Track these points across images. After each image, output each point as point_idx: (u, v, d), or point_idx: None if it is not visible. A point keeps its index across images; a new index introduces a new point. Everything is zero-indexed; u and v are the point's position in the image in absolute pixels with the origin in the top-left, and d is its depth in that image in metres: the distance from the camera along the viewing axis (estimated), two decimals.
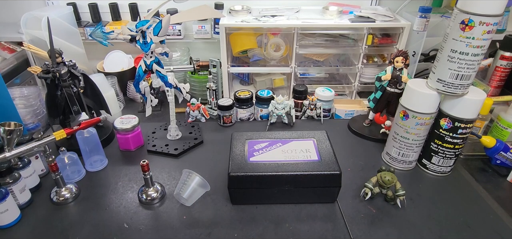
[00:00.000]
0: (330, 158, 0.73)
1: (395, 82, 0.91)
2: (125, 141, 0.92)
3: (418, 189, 0.80)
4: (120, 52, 1.31)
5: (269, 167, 0.71)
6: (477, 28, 0.66)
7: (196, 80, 1.24)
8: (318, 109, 1.07)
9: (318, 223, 0.70)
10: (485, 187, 0.82)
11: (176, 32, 1.29)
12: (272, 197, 0.74)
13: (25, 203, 0.73)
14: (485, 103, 0.84)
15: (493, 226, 0.70)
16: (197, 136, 0.98)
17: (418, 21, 1.08)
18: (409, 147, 0.83)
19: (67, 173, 0.81)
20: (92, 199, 0.77)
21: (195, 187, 0.73)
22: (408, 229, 0.69)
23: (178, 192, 0.73)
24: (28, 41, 1.10)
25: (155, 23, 0.76)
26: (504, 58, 1.09)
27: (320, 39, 1.20)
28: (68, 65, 0.83)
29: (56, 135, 0.73)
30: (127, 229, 0.69)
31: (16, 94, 1.01)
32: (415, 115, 0.78)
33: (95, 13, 1.30)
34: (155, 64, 0.82)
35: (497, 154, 0.87)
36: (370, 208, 0.74)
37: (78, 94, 0.86)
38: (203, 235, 0.67)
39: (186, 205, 0.74)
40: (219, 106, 1.03)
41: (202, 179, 0.73)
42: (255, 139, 0.80)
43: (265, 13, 1.19)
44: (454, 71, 0.71)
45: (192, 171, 0.73)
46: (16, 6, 1.30)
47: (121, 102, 1.19)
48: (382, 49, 1.22)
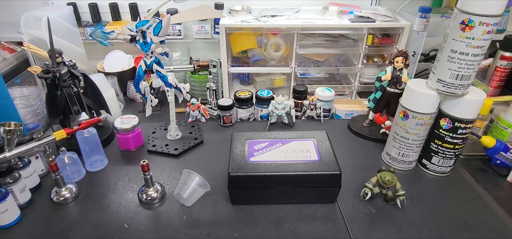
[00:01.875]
0: (330, 158, 0.73)
1: (395, 82, 0.91)
2: (125, 141, 0.92)
3: (418, 189, 0.80)
4: (120, 52, 1.31)
5: (269, 167, 0.71)
6: (477, 28, 0.66)
7: (196, 80, 1.24)
8: (318, 109, 1.07)
9: (318, 223, 0.70)
10: (485, 187, 0.82)
11: (176, 32, 1.29)
12: (272, 197, 0.74)
13: (25, 203, 0.73)
14: (485, 104, 0.84)
15: (493, 226, 0.70)
16: (197, 136, 0.98)
17: (418, 21, 1.08)
18: (409, 147, 0.83)
19: (67, 173, 0.81)
20: (92, 199, 0.77)
21: (195, 187, 0.73)
22: (408, 229, 0.69)
23: (178, 192, 0.73)
24: (28, 41, 1.10)
25: (155, 23, 0.76)
26: (504, 58, 1.09)
27: (320, 39, 1.20)
28: (68, 65, 0.83)
29: (56, 135, 0.73)
30: (127, 229, 0.69)
31: (16, 94, 1.01)
32: (415, 116, 0.78)
33: (95, 13, 1.30)
34: (155, 64, 0.82)
35: (497, 154, 0.87)
36: (370, 208, 0.74)
37: (78, 94, 0.86)
38: (203, 235, 0.67)
39: (186, 205, 0.74)
40: (219, 106, 1.03)
41: (202, 179, 0.73)
42: (255, 139, 0.80)
43: (265, 13, 1.19)
44: (454, 71, 0.71)
45: (192, 171, 0.73)
46: (16, 6, 1.30)
47: (121, 102, 1.19)
48: (382, 49, 1.22)
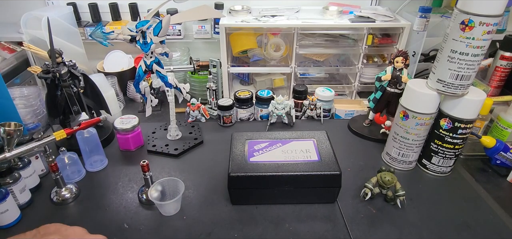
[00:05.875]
0: (330, 158, 0.73)
1: (395, 82, 0.91)
2: (125, 141, 0.92)
3: (418, 189, 0.80)
4: (120, 52, 1.31)
5: (269, 167, 0.71)
6: (477, 28, 0.66)
7: (196, 80, 1.24)
8: (318, 109, 1.07)
9: (318, 223, 0.70)
10: (485, 187, 0.82)
11: (176, 32, 1.29)
12: (272, 197, 0.74)
13: (25, 203, 0.73)
14: (485, 104, 0.84)
15: (493, 226, 0.70)
16: (197, 136, 0.98)
17: (418, 21, 1.09)
18: (409, 147, 0.83)
19: (67, 173, 0.81)
20: (92, 199, 0.77)
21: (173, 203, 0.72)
22: (408, 229, 0.69)
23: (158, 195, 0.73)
24: (28, 41, 1.10)
25: (155, 24, 0.76)
26: (504, 58, 1.09)
27: (320, 39, 1.20)
28: (68, 65, 0.83)
29: (56, 135, 0.73)
30: (127, 229, 0.69)
31: (16, 94, 1.01)
32: (415, 116, 0.78)
33: (95, 13, 1.30)
34: (155, 64, 0.82)
35: (497, 154, 0.87)
36: (370, 208, 0.74)
37: (78, 94, 0.86)
38: (203, 235, 0.67)
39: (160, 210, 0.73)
40: (219, 106, 1.03)
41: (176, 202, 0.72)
42: (255, 139, 0.80)
43: (265, 13, 1.19)
44: (454, 71, 0.71)
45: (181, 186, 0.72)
46: (16, 6, 1.30)
47: (121, 102, 1.19)
48: (382, 49, 1.22)
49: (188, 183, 0.81)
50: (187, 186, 0.80)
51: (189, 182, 0.81)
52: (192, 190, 0.79)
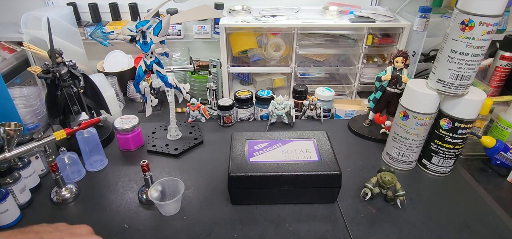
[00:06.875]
0: (330, 158, 0.73)
1: (395, 82, 0.91)
2: (125, 141, 0.92)
3: (418, 189, 0.80)
4: (120, 52, 1.31)
5: (269, 167, 0.71)
6: (477, 28, 0.66)
7: (196, 80, 1.24)
8: (318, 109, 1.07)
9: (318, 223, 0.70)
10: (485, 187, 0.82)
11: (176, 32, 1.29)
12: (272, 197, 0.74)
13: (25, 203, 0.73)
14: (485, 104, 0.84)
15: (493, 226, 0.70)
16: (197, 136, 0.98)
17: (418, 21, 1.08)
18: (409, 147, 0.83)
19: (67, 173, 0.81)
20: (92, 199, 0.77)
21: (173, 203, 0.72)
22: (408, 229, 0.69)
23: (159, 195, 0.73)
24: (28, 41, 1.10)
25: (155, 24, 0.76)
26: (504, 58, 1.09)
27: (320, 39, 1.20)
28: (68, 65, 0.83)
29: (56, 135, 0.73)
30: (127, 229, 0.69)
31: (16, 94, 1.01)
32: (415, 116, 0.78)
33: (95, 13, 1.30)
34: (155, 64, 0.82)
35: (497, 154, 0.87)
36: (370, 208, 0.74)
37: (78, 94, 0.86)
38: (203, 235, 0.67)
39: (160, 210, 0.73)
40: (219, 106, 1.03)
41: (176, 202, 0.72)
42: (255, 139, 0.80)
43: (265, 13, 1.19)
44: (454, 71, 0.71)
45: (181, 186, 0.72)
46: (16, 6, 1.30)
47: (121, 102, 1.19)
48: (382, 49, 1.22)
49: (188, 183, 0.81)
50: (187, 186, 0.80)
51: (189, 182, 0.81)
52: (192, 190, 0.79)
